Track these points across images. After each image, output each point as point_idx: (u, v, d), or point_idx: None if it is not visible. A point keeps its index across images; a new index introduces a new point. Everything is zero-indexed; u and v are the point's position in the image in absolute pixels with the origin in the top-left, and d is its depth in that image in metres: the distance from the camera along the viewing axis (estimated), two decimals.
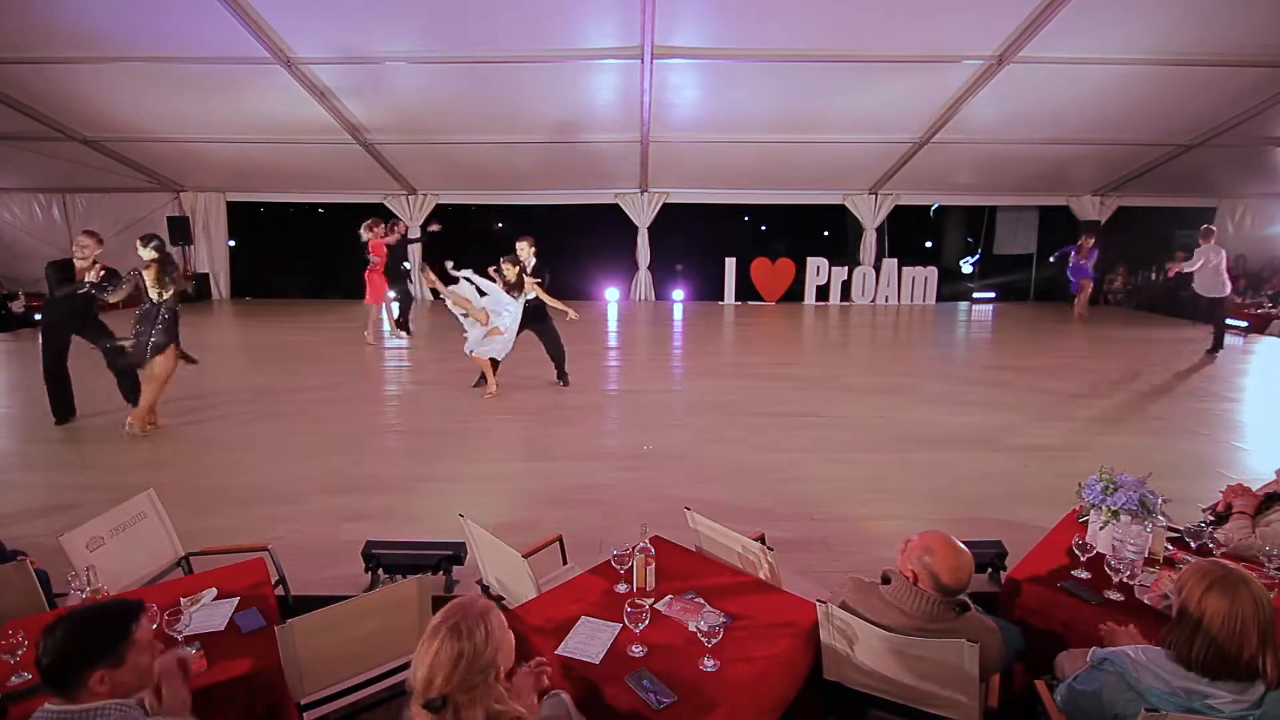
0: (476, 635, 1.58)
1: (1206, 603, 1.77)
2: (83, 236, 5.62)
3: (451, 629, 1.57)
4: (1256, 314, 10.91)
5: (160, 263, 5.39)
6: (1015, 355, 9.33)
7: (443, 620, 1.60)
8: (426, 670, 1.54)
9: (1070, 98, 8.97)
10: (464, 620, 1.59)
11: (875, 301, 13.64)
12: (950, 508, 4.27)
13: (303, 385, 7.24)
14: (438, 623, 1.60)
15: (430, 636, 1.58)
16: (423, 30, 7.71)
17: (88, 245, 5.57)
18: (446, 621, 1.59)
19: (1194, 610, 1.79)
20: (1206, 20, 7.28)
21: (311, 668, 2.17)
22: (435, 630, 1.58)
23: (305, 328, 11.20)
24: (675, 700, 1.99)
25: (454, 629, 1.57)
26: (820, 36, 7.74)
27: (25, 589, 2.60)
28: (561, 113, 9.65)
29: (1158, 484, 2.83)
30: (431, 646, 1.56)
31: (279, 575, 3.01)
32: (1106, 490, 2.80)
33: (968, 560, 2.14)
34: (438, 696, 1.53)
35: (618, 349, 9.81)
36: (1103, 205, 13.19)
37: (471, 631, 1.58)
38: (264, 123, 9.78)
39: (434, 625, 1.60)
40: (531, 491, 4.59)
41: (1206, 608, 1.76)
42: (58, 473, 4.99)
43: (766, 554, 2.62)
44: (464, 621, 1.59)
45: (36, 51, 7.82)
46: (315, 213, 15.52)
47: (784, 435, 5.73)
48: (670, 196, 12.95)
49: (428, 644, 1.57)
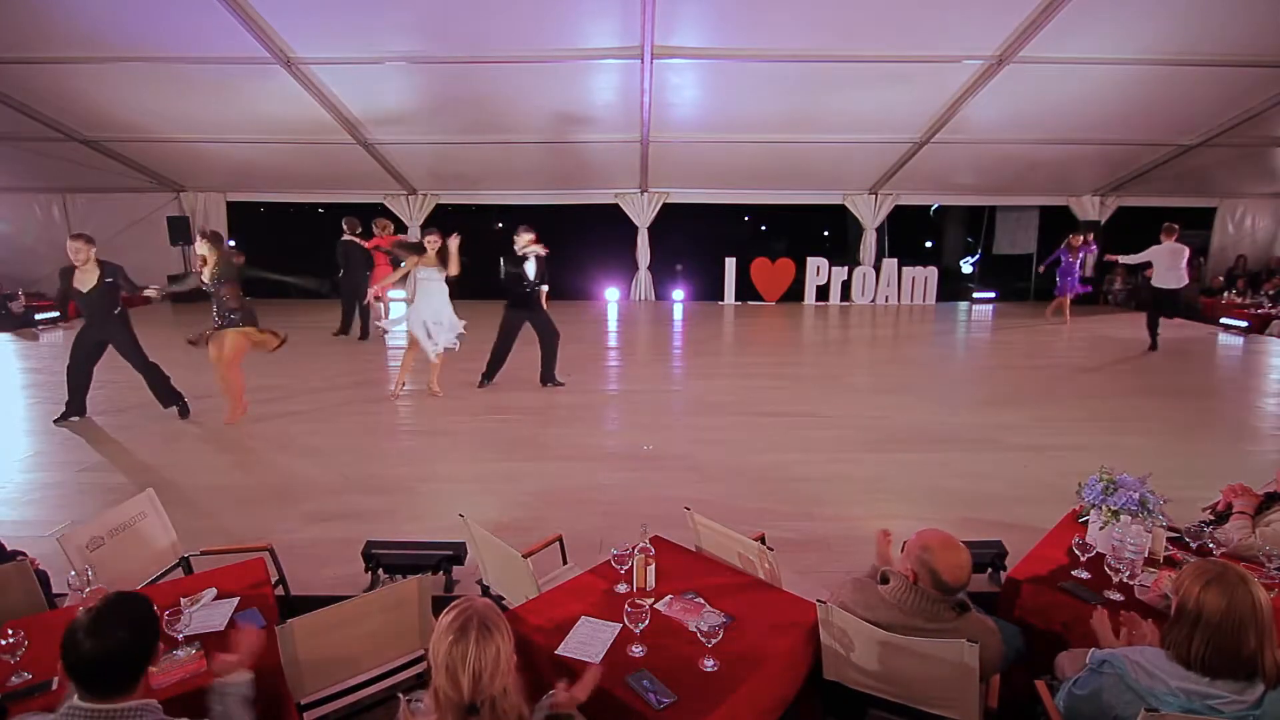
0: (504, 628, 1.58)
1: (1204, 601, 1.77)
2: (74, 241, 5.66)
3: (480, 628, 1.54)
4: (1256, 314, 10.91)
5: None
6: (1015, 355, 9.33)
7: (464, 620, 1.55)
8: (463, 674, 1.50)
9: (1070, 98, 8.96)
10: (485, 618, 1.57)
11: (875, 301, 13.63)
12: (950, 508, 4.27)
13: (302, 385, 7.24)
14: (462, 623, 1.55)
15: (451, 649, 1.52)
16: (423, 30, 7.70)
17: (81, 249, 5.62)
18: (470, 621, 1.55)
19: (1192, 608, 1.79)
20: (1206, 20, 7.27)
21: (311, 668, 2.17)
22: (464, 630, 1.53)
23: (305, 328, 11.19)
24: (675, 700, 1.99)
25: (482, 627, 1.54)
26: (820, 37, 7.73)
27: (25, 589, 2.59)
28: (561, 113, 9.64)
29: (1158, 484, 2.83)
30: (456, 655, 1.51)
31: (279, 575, 3.01)
32: (1106, 490, 2.80)
33: (966, 557, 2.14)
34: (472, 701, 1.51)
35: (618, 349, 9.81)
36: (1103, 205, 13.18)
37: (499, 626, 1.57)
38: (264, 123, 9.77)
39: (458, 627, 1.54)
40: (531, 491, 4.59)
41: (1204, 606, 1.76)
42: (58, 472, 4.99)
43: (766, 554, 2.62)
44: (486, 619, 1.57)
45: (36, 51, 7.81)
46: (315, 213, 15.51)
47: (784, 435, 5.73)
48: (670, 196, 12.94)
49: (451, 652, 1.52)
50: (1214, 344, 10.20)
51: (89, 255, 5.66)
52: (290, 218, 15.62)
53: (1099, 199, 13.12)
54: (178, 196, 12.91)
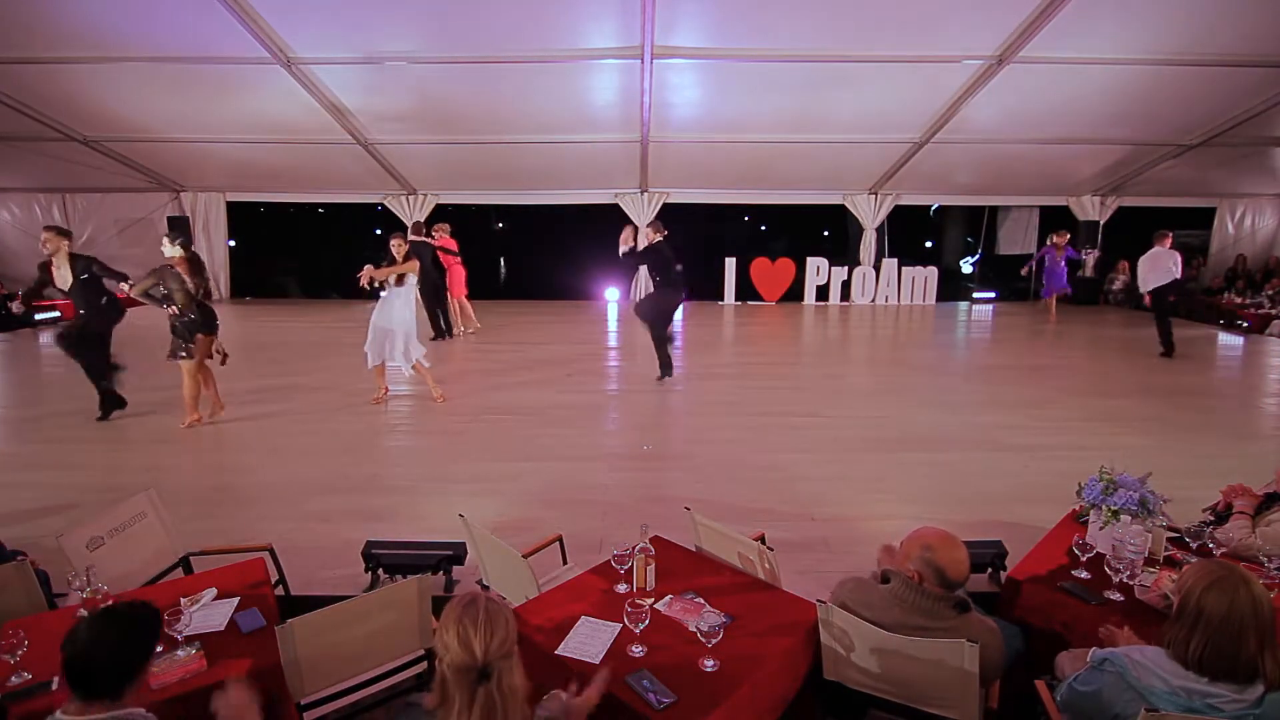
0: (504, 607, 1.65)
1: (1205, 601, 1.77)
2: (45, 231, 5.76)
3: (486, 602, 1.62)
4: (1257, 314, 10.91)
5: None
6: (1015, 355, 9.33)
7: (471, 598, 1.63)
8: (475, 637, 1.55)
9: (1070, 98, 8.96)
10: (489, 599, 1.65)
11: (875, 301, 13.63)
12: (950, 508, 4.27)
13: (302, 385, 7.24)
14: (470, 599, 1.62)
15: (462, 615, 1.58)
16: (422, 30, 7.71)
17: (50, 239, 5.70)
18: (477, 598, 1.63)
19: (1192, 609, 1.79)
20: (1206, 20, 7.27)
21: (311, 668, 2.17)
22: (467, 609, 1.60)
23: (305, 328, 11.20)
24: (675, 700, 1.99)
25: (489, 602, 1.62)
26: (820, 37, 7.74)
27: (25, 589, 2.60)
28: (562, 113, 9.64)
29: (1158, 484, 2.83)
30: (466, 620, 1.57)
31: (279, 575, 3.01)
32: (1106, 490, 2.80)
33: (965, 553, 2.16)
34: (485, 664, 1.55)
35: (617, 349, 9.81)
36: (1103, 205, 13.19)
37: (503, 606, 1.65)
38: (264, 123, 9.77)
39: (466, 602, 1.62)
40: (531, 491, 4.59)
41: (1205, 606, 1.76)
42: (58, 473, 4.99)
43: (766, 554, 2.62)
44: (490, 599, 1.65)
45: (36, 51, 7.82)
46: (315, 213, 15.53)
47: (784, 435, 5.73)
48: (670, 196, 12.94)
49: (461, 619, 1.57)
50: (1214, 344, 10.20)
51: (58, 246, 5.69)
52: (290, 218, 15.63)
53: (1099, 199, 13.12)
54: (177, 196, 12.92)
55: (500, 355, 8.84)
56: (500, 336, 10.27)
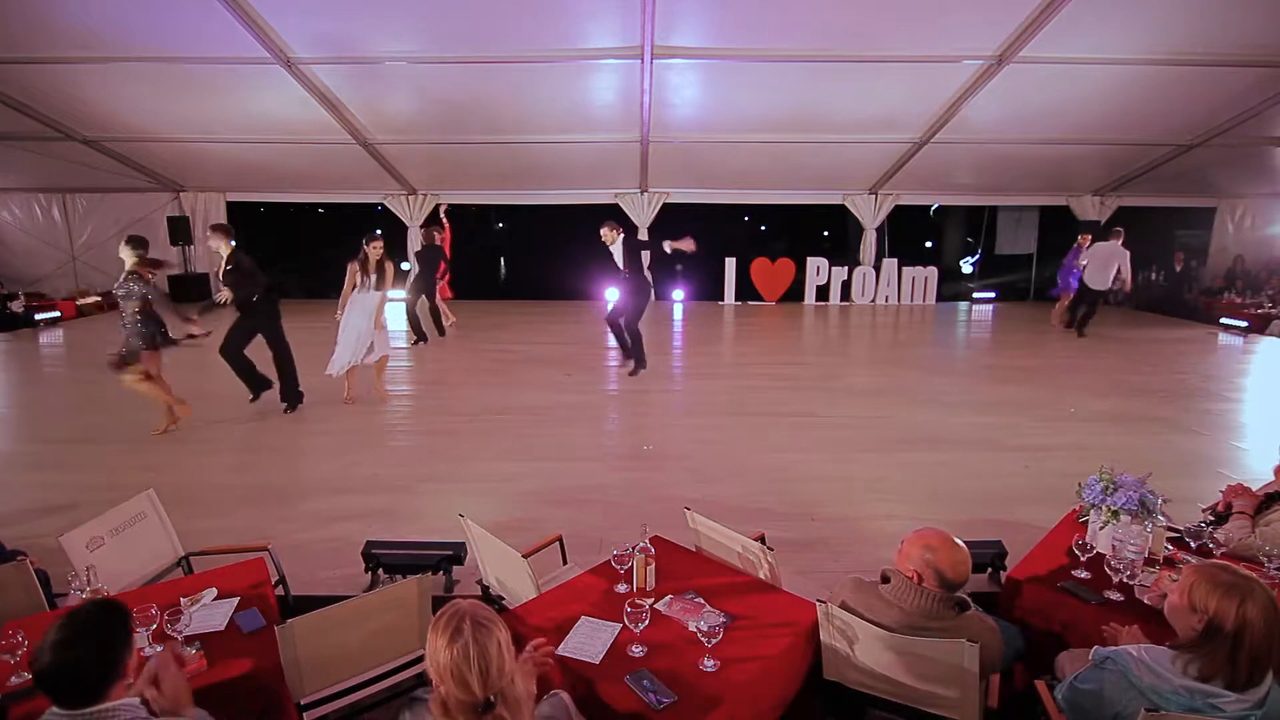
0: (496, 619, 1.58)
1: (1247, 613, 1.70)
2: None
3: (473, 624, 1.54)
4: (1257, 314, 10.90)
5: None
6: (1015, 355, 9.32)
7: (456, 622, 1.55)
8: (470, 675, 1.49)
9: (1070, 98, 8.95)
10: (475, 615, 1.57)
11: (875, 301, 13.63)
12: (950, 508, 4.27)
13: (301, 385, 7.23)
14: (455, 624, 1.54)
15: (455, 638, 1.51)
16: (423, 30, 7.70)
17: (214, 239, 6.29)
18: (461, 620, 1.54)
19: (1231, 628, 1.71)
20: (1206, 20, 7.27)
21: (311, 668, 2.17)
22: (458, 630, 1.52)
23: (304, 328, 11.17)
24: (675, 700, 1.99)
25: (475, 623, 1.54)
26: (820, 36, 7.73)
27: (25, 589, 2.60)
28: (562, 113, 9.63)
29: (1158, 484, 2.83)
30: (458, 658, 1.50)
31: (279, 575, 3.01)
32: (1106, 490, 2.80)
33: (966, 554, 2.16)
34: (487, 698, 1.50)
35: (617, 349, 9.80)
36: (1103, 205, 13.18)
37: (491, 620, 1.57)
38: (264, 123, 9.77)
39: (451, 629, 1.53)
40: (531, 491, 4.59)
41: (1246, 620, 1.70)
42: (58, 473, 4.99)
43: (766, 554, 2.62)
44: (476, 615, 1.56)
45: (36, 51, 7.81)
46: (315, 213, 15.51)
47: (784, 435, 5.73)
48: (670, 196, 12.94)
49: (454, 657, 1.50)
50: (1214, 344, 10.20)
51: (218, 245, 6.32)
52: (290, 218, 15.61)
53: (1099, 199, 13.12)
54: (177, 196, 12.91)
55: (500, 355, 8.83)
56: (500, 336, 10.27)
